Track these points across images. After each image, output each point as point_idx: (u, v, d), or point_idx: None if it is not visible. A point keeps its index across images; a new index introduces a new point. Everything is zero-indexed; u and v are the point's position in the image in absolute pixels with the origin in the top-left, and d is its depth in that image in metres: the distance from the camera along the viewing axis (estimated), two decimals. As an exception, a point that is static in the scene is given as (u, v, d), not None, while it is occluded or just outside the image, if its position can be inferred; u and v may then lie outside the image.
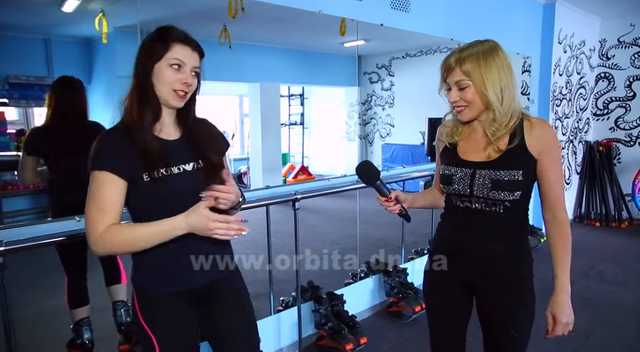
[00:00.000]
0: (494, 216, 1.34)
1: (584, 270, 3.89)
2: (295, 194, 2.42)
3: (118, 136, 1.22)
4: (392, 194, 1.46)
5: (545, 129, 1.31)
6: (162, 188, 1.20)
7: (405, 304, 3.01)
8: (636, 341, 2.69)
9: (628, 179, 5.40)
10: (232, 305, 1.40)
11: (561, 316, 1.29)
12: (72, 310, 2.39)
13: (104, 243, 1.16)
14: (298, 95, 10.24)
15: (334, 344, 2.56)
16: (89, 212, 1.18)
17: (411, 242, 3.98)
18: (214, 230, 1.17)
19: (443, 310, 1.51)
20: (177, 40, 1.23)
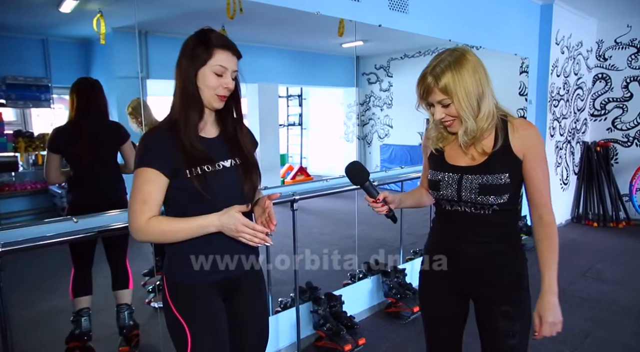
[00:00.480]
0: (484, 219, 1.35)
1: (582, 270, 3.90)
2: (293, 195, 2.43)
3: (162, 134, 1.29)
4: (380, 195, 1.44)
5: (529, 129, 1.32)
6: (203, 184, 1.27)
7: (403, 304, 3.01)
8: (634, 340, 2.69)
9: (625, 179, 5.41)
10: (252, 302, 1.47)
11: (547, 316, 1.28)
12: (74, 298, 2.41)
13: (146, 233, 1.25)
14: (296, 96, 10.23)
15: (333, 345, 2.56)
16: (133, 204, 1.25)
17: (410, 242, 3.98)
18: (241, 234, 1.24)
19: (436, 312, 1.52)
20: (219, 46, 1.29)
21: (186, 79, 1.29)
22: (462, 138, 1.31)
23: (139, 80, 2.67)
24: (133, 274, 2.57)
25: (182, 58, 1.30)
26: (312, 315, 2.73)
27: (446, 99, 1.27)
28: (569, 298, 3.01)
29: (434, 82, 1.27)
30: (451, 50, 1.31)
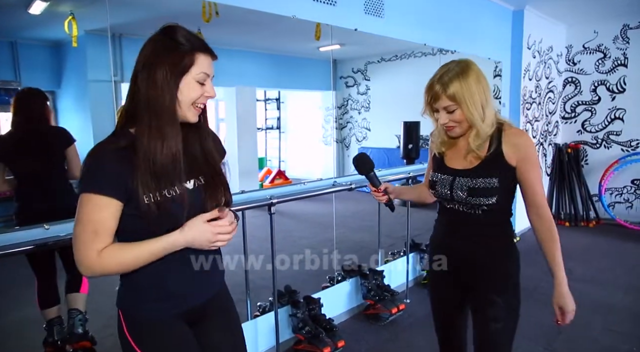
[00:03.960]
0: (474, 217, 1.47)
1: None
2: (270, 199, 2.42)
3: (116, 151, 1.08)
4: (382, 186, 1.65)
5: (520, 138, 1.42)
6: (163, 210, 1.09)
7: (382, 306, 3.04)
8: (602, 335, 2.78)
9: (595, 180, 5.59)
10: (222, 324, 1.33)
11: (568, 305, 1.40)
12: (43, 310, 2.36)
13: (102, 266, 1.06)
14: (274, 100, 10.23)
15: (312, 348, 2.56)
16: (81, 234, 1.06)
17: (388, 244, 4.02)
18: (217, 240, 1.14)
19: (440, 304, 1.67)
20: (200, 49, 1.11)
21: (164, 90, 1.07)
22: (473, 142, 1.41)
23: (112, 83, 2.62)
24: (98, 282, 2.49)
25: (156, 64, 1.07)
26: (291, 319, 2.73)
27: (452, 105, 1.38)
28: (541, 296, 3.08)
29: (441, 89, 1.37)
30: (457, 62, 1.42)
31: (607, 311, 3.11)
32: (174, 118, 1.10)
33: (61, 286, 2.41)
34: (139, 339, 1.17)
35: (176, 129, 1.11)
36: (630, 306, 3.23)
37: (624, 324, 2.93)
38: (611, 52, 5.44)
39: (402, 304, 3.10)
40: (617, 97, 5.48)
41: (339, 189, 2.91)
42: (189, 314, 1.23)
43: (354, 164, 1.66)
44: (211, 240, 1.13)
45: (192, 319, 1.25)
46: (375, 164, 1.66)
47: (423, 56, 7.87)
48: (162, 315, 1.18)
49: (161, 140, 1.08)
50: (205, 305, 1.27)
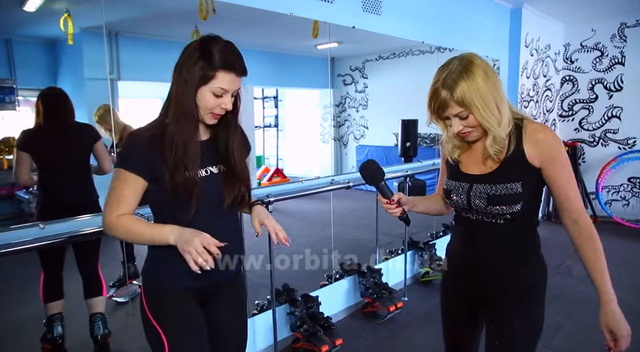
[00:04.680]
0: (496, 227, 1.31)
1: (553, 266, 4.01)
2: (268, 197, 2.41)
3: (149, 135, 1.26)
4: (395, 196, 1.41)
5: (543, 133, 1.24)
6: (181, 189, 1.24)
7: (380, 304, 3.04)
8: (602, 334, 2.78)
9: (592, 178, 5.60)
10: (231, 308, 1.45)
11: (620, 328, 1.20)
12: (46, 304, 2.36)
13: (112, 229, 1.26)
14: (272, 98, 10.20)
15: (310, 346, 2.56)
16: (109, 200, 1.27)
17: (386, 242, 4.02)
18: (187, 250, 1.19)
19: (449, 314, 1.54)
20: (223, 68, 1.23)
21: (185, 93, 1.24)
22: (491, 148, 1.24)
23: (108, 81, 2.61)
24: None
25: (183, 68, 1.24)
26: (288, 317, 2.72)
27: (464, 111, 1.20)
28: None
29: (448, 95, 1.19)
30: (459, 59, 1.22)
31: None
32: (192, 116, 1.26)
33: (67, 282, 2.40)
34: (152, 307, 1.32)
35: (192, 125, 1.27)
36: (632, 305, 3.23)
37: (629, 324, 2.93)
38: (609, 51, 5.44)
39: (400, 302, 3.10)
40: (614, 95, 5.48)
41: (337, 187, 2.91)
42: (203, 289, 1.36)
43: (361, 173, 1.44)
44: (183, 248, 1.20)
45: (206, 294, 1.38)
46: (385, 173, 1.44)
47: (421, 54, 7.88)
48: (178, 286, 1.32)
49: (180, 131, 1.25)
50: (220, 284, 1.40)
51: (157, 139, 1.25)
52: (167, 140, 1.24)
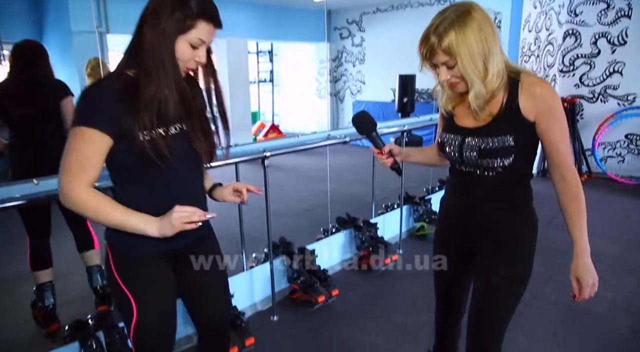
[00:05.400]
0: (487, 180, 1.32)
1: (545, 221, 4.07)
2: (264, 152, 2.39)
3: (112, 90, 1.13)
4: (386, 148, 1.46)
5: (539, 87, 1.22)
6: (155, 147, 1.14)
7: (375, 257, 3.09)
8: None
9: (589, 135, 5.59)
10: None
11: (587, 279, 1.25)
12: (34, 272, 2.35)
13: (78, 204, 1.12)
14: (267, 52, 9.96)
15: (307, 297, 2.63)
16: (68, 166, 1.12)
17: (381, 197, 4.05)
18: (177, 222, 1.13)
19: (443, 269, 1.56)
20: (204, 17, 1.15)
21: (162, 43, 1.12)
22: (473, 103, 1.24)
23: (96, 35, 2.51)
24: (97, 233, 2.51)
25: (159, 16, 1.11)
26: (286, 269, 2.78)
27: (450, 60, 1.19)
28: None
29: (437, 42, 1.18)
30: (456, 6, 1.20)
31: (595, 260, 3.18)
32: (172, 64, 1.15)
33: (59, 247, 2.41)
34: (121, 271, 1.26)
35: (172, 78, 1.15)
36: (618, 255, 3.32)
37: (610, 272, 3.03)
38: (615, 2, 5.27)
39: (395, 255, 3.17)
40: (617, 49, 5.36)
41: (333, 142, 2.89)
42: (174, 253, 1.32)
43: (354, 123, 1.49)
44: (171, 223, 1.14)
45: (177, 258, 1.34)
46: (377, 123, 1.49)
47: (420, 7, 7.64)
48: (146, 251, 1.26)
49: (159, 83, 1.13)
50: (191, 246, 1.35)
51: (123, 93, 1.12)
52: (143, 96, 1.12)
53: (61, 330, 2.23)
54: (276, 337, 2.36)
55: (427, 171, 4.62)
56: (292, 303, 2.72)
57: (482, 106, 1.25)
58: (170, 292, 1.33)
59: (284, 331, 2.43)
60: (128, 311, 1.26)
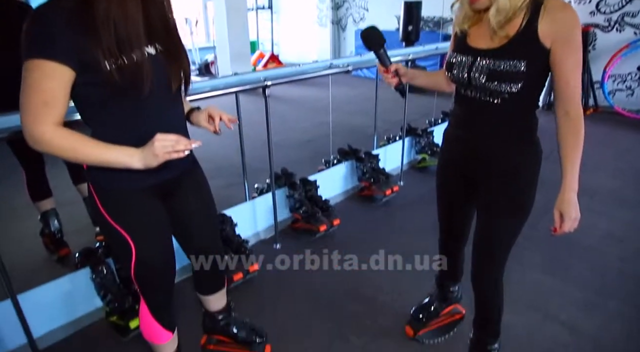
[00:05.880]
0: (492, 107, 1.28)
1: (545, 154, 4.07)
2: (265, 81, 2.32)
3: (63, 13, 0.97)
4: (392, 66, 1.46)
5: (563, 12, 1.14)
6: (125, 75, 1.03)
7: (376, 188, 3.13)
8: (583, 216, 2.92)
9: (599, 66, 5.41)
10: (193, 196, 1.39)
11: (569, 213, 1.25)
12: (35, 203, 2.38)
13: (50, 145, 1.02)
14: (265, -25, 9.36)
15: (308, 226, 2.69)
16: (29, 105, 0.99)
17: (383, 129, 4.01)
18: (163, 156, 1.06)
19: (445, 195, 1.61)
20: None
21: None
22: (494, 19, 1.17)
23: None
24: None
25: None
26: (288, 199, 2.82)
27: None
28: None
29: None
30: None
31: (592, 193, 3.24)
32: None
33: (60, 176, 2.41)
34: (110, 209, 1.20)
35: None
36: (615, 188, 3.36)
37: (605, 205, 3.08)
38: None
39: (396, 186, 3.20)
40: (638, -28, 5.04)
41: (336, 71, 2.79)
42: (161, 187, 1.27)
43: (362, 37, 1.45)
44: (154, 153, 1.06)
45: (164, 191, 1.30)
46: (385, 40, 1.43)
47: None
48: (134, 187, 1.20)
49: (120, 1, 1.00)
50: (177, 179, 1.31)
51: (78, 15, 0.98)
52: (100, 15, 0.98)
53: (71, 257, 2.31)
54: (279, 265, 2.45)
55: (430, 103, 4.54)
56: (294, 232, 2.79)
57: (502, 24, 1.19)
58: (165, 224, 1.31)
59: (286, 258, 2.51)
60: (125, 250, 1.23)
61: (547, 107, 5.46)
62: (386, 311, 2.05)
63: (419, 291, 2.10)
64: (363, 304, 2.09)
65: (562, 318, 1.98)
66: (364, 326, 1.96)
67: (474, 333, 1.65)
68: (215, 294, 1.66)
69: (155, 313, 1.40)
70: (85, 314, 2.02)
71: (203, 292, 1.66)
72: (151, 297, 1.38)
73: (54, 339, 1.90)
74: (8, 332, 1.78)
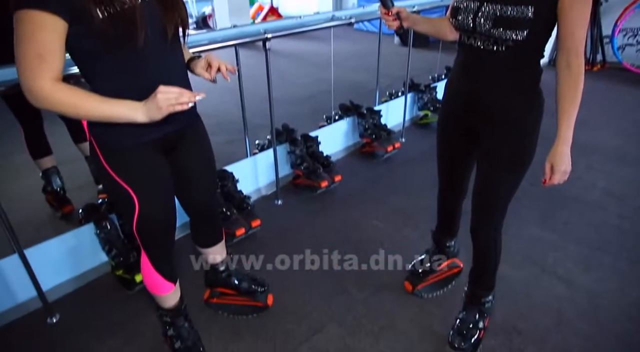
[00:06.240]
0: (497, 56, 1.26)
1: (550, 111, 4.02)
2: (265, 33, 2.25)
3: None
4: (394, 9, 1.45)
5: None
6: (119, 24, 0.99)
7: (378, 144, 3.11)
8: (584, 173, 2.94)
9: (611, 20, 5.23)
10: (195, 150, 1.39)
11: (560, 165, 1.25)
12: (35, 160, 2.37)
13: (50, 101, 0.99)
14: None
15: (310, 182, 2.70)
16: (24, 59, 0.95)
17: (385, 85, 3.95)
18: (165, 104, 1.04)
19: (445, 147, 1.60)
20: None
21: None
22: None
23: None
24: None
25: None
26: (289, 155, 2.81)
27: None
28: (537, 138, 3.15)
29: None
30: None
31: (592, 152, 3.22)
32: None
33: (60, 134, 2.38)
34: (113, 164, 1.20)
35: None
36: (617, 147, 3.34)
37: (605, 163, 3.07)
38: None
39: (398, 142, 3.18)
40: None
41: (338, 23, 2.70)
42: (164, 141, 1.26)
43: None
44: (158, 106, 1.04)
45: (167, 145, 1.29)
46: None
47: None
48: (137, 141, 1.19)
49: None
50: (179, 133, 1.30)
51: None
52: None
53: (75, 213, 2.33)
54: (280, 220, 2.48)
55: (434, 58, 4.43)
56: (295, 188, 2.80)
57: None
58: (167, 179, 1.31)
59: (288, 214, 2.54)
60: (129, 204, 1.23)
61: (553, 62, 5.33)
62: (386, 266, 2.09)
63: (420, 246, 2.14)
64: (363, 259, 2.13)
65: (559, 272, 2.03)
66: (365, 279, 2.01)
67: (469, 287, 1.68)
68: (214, 247, 1.70)
69: (156, 265, 1.43)
70: (92, 269, 2.07)
71: (202, 245, 1.69)
72: (152, 251, 1.40)
73: (62, 292, 1.95)
74: (18, 285, 1.83)
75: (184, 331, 1.58)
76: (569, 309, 1.82)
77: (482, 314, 1.66)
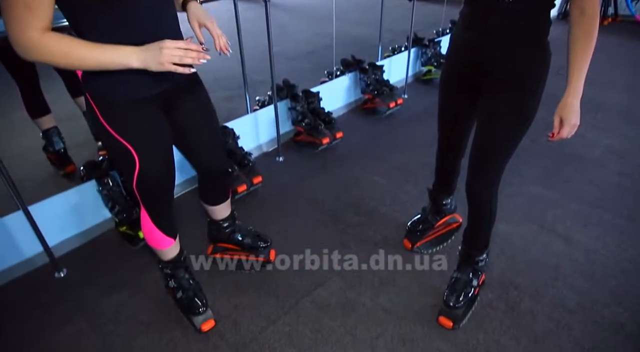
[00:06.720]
0: (504, 7, 1.20)
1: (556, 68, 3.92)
2: (265, -17, 2.15)
3: None
4: None
5: None
6: None
7: (380, 100, 3.06)
8: (587, 131, 2.91)
9: (624, -31, 5.03)
10: (195, 107, 1.37)
11: (570, 119, 1.23)
12: (34, 120, 2.34)
13: (40, 52, 0.96)
14: None
15: (311, 139, 2.68)
16: (11, 9, 0.91)
17: (388, 39, 3.83)
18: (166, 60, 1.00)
19: (447, 102, 1.57)
20: None
21: None
22: None
23: None
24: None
25: None
26: (290, 112, 2.77)
27: None
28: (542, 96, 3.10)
29: None
30: None
31: (596, 109, 3.18)
32: None
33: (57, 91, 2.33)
34: (111, 120, 1.17)
35: None
36: (621, 103, 3.28)
37: (610, 121, 3.03)
38: None
39: (400, 98, 3.12)
40: None
41: (341, -27, 2.58)
42: (162, 97, 1.23)
43: None
44: (160, 61, 1.00)
45: (166, 102, 1.26)
46: None
47: None
48: (134, 97, 1.16)
49: None
50: (177, 90, 1.27)
51: None
52: None
53: (77, 171, 2.32)
54: (282, 177, 2.48)
55: (439, 12, 4.27)
56: (296, 145, 2.79)
57: None
58: (166, 135, 1.29)
59: (289, 170, 2.54)
60: (128, 160, 1.22)
61: (562, 16, 5.17)
62: (387, 223, 2.11)
63: (422, 203, 2.15)
64: (365, 216, 2.15)
65: (558, 229, 2.05)
66: (365, 235, 2.03)
67: (463, 246, 1.69)
68: (221, 205, 1.71)
69: (155, 221, 1.45)
70: (96, 225, 2.09)
71: (209, 203, 1.71)
72: (152, 207, 1.41)
73: (67, 248, 1.99)
74: (24, 241, 1.86)
75: (185, 282, 1.62)
76: (566, 265, 1.85)
77: (475, 273, 1.68)
